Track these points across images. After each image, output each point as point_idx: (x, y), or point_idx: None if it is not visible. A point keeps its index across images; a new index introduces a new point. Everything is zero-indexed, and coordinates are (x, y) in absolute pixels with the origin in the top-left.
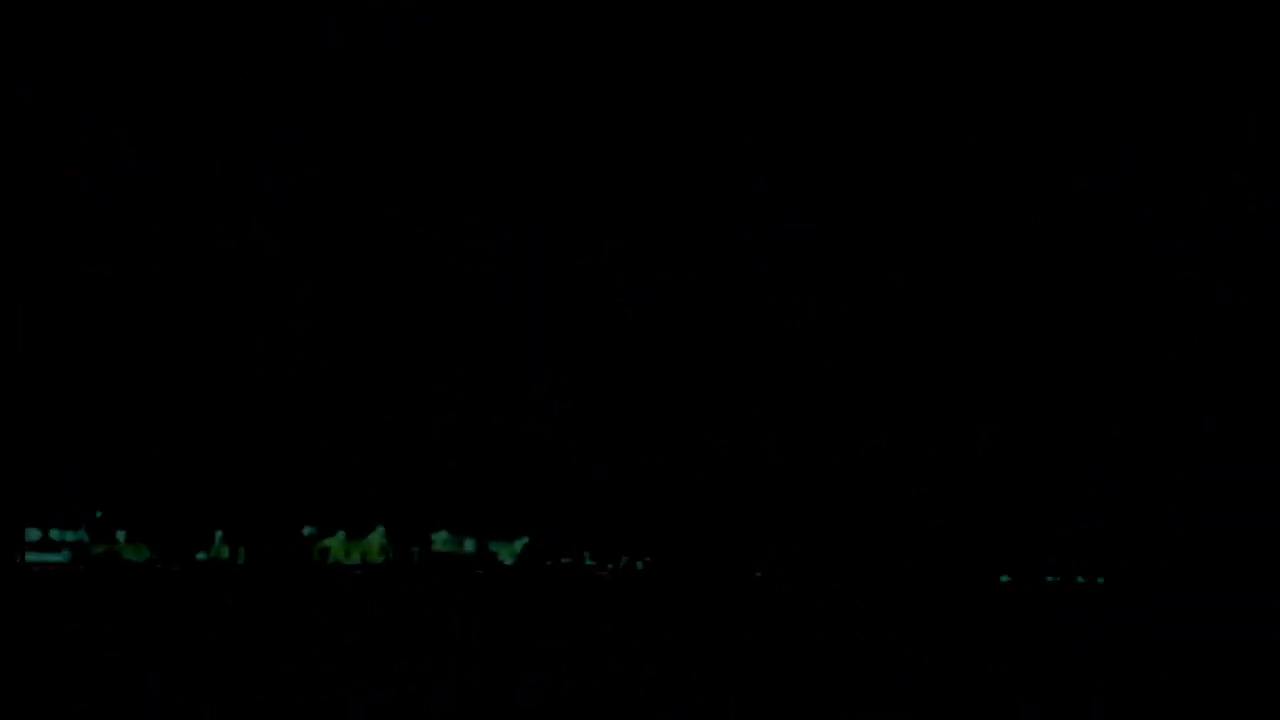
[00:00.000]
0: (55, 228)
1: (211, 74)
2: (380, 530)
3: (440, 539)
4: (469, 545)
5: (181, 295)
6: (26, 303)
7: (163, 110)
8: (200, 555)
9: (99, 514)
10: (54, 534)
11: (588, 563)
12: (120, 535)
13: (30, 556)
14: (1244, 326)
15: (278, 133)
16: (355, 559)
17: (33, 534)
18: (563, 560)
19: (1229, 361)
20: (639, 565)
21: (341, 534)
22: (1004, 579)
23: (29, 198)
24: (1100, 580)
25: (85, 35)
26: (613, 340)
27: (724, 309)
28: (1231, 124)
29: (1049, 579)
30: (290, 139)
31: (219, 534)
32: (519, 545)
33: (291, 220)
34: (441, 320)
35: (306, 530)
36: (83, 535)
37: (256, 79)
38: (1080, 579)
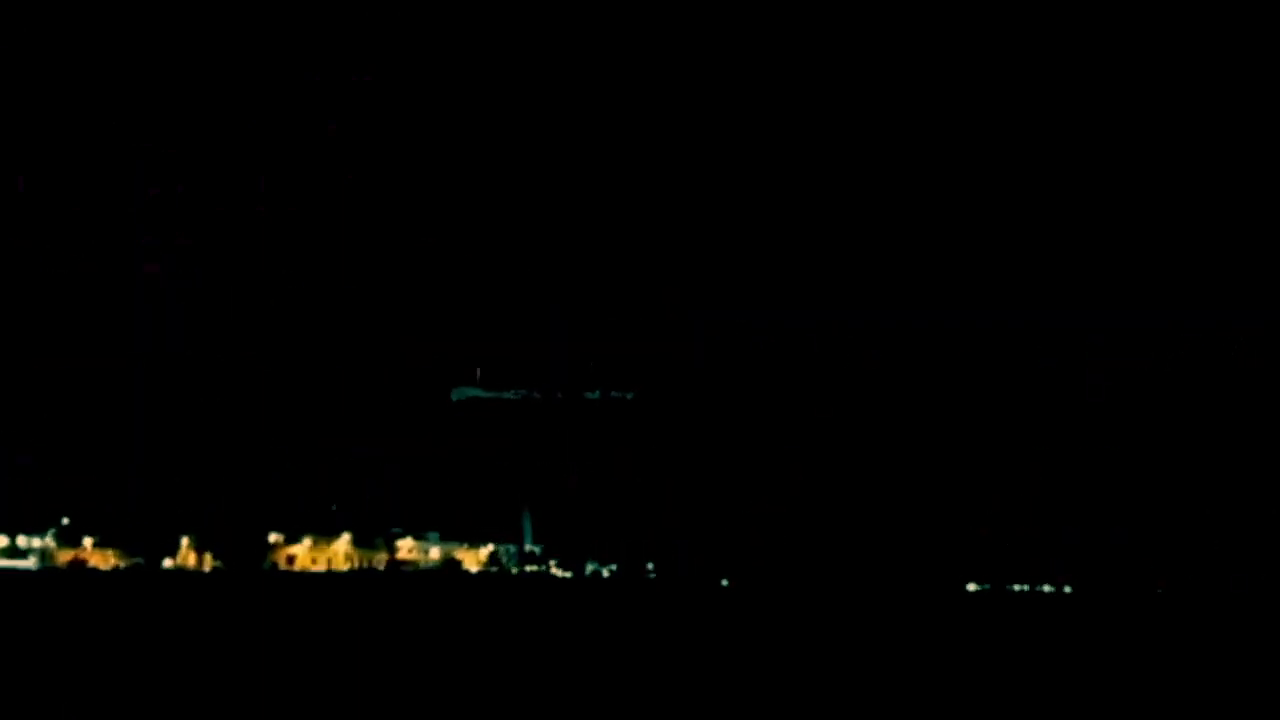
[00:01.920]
0: (39, 234)
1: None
2: (346, 537)
3: (406, 545)
4: (433, 550)
5: (146, 303)
6: None
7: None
8: (166, 561)
9: (65, 520)
10: (20, 540)
11: (553, 570)
12: (86, 541)
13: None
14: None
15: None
16: (321, 565)
17: None
18: (528, 569)
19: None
20: (604, 573)
21: (308, 540)
22: (971, 588)
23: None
24: (1068, 590)
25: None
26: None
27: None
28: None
29: (1013, 588)
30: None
31: (185, 540)
32: (484, 552)
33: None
34: (407, 325)
35: (272, 536)
36: (49, 541)
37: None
38: (1047, 587)
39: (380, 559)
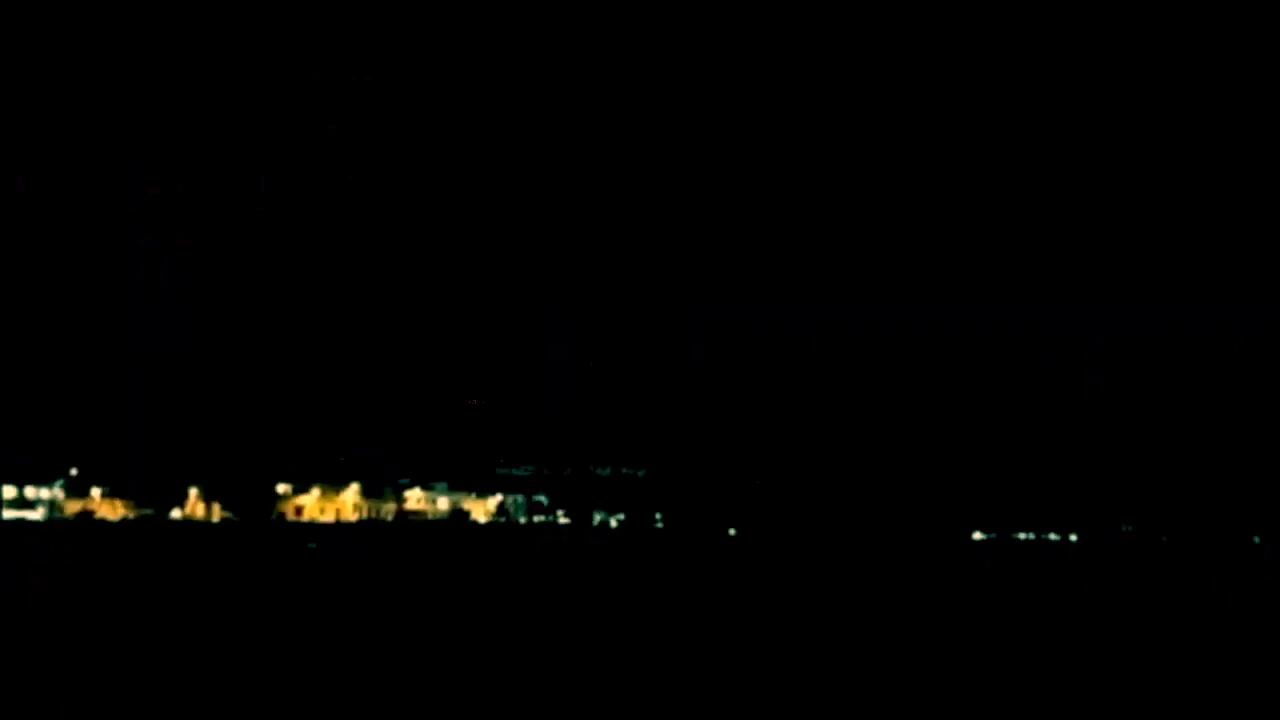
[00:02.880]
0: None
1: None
2: (355, 487)
3: (414, 495)
4: (441, 500)
5: (156, 259)
6: None
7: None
8: (175, 512)
9: (74, 471)
10: (29, 491)
11: (561, 521)
12: (95, 492)
13: (5, 514)
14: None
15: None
16: (330, 515)
17: (7, 491)
18: (535, 519)
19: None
20: (612, 523)
21: (316, 491)
22: (976, 535)
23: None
24: (1073, 538)
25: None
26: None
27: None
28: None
29: (1019, 536)
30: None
31: (194, 490)
32: (492, 503)
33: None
34: (412, 282)
35: (280, 487)
36: (58, 492)
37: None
38: (1053, 536)
39: (389, 509)
